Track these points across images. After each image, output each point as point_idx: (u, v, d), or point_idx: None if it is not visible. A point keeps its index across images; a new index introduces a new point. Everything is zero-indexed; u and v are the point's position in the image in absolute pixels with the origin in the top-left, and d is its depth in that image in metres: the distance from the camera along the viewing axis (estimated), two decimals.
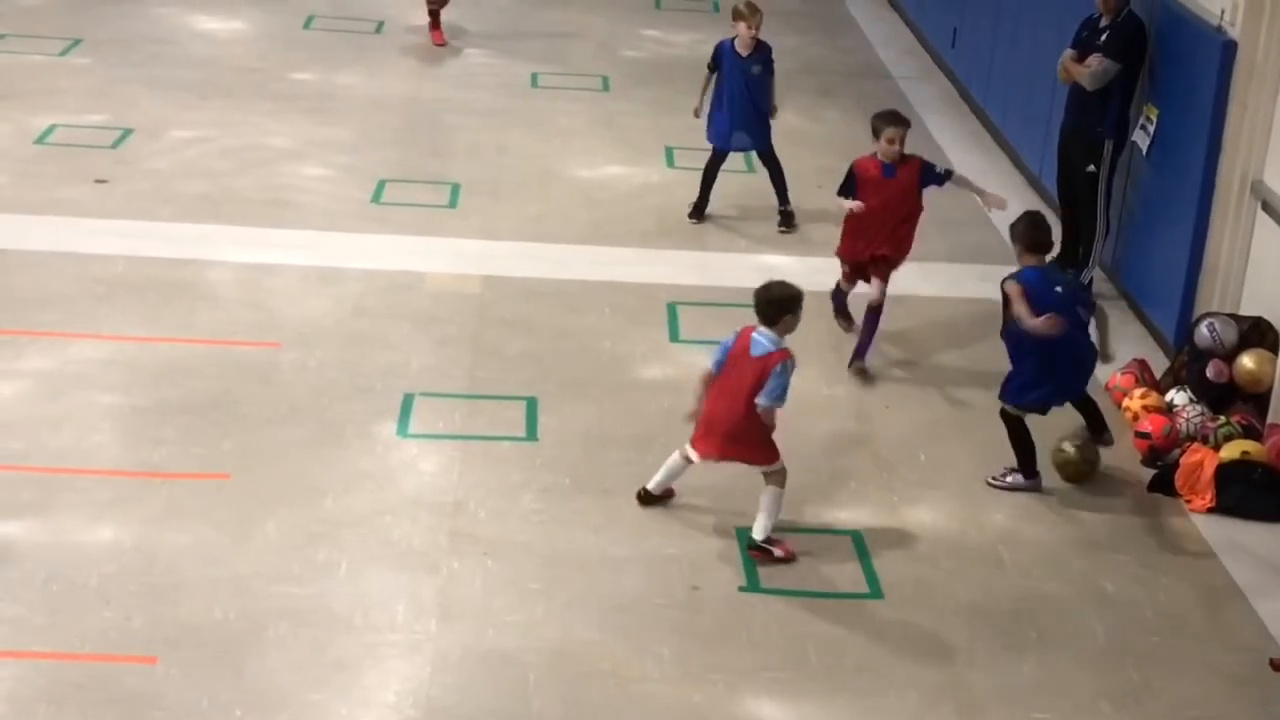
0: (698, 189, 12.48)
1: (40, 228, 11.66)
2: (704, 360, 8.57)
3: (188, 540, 8.15)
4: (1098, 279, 11.63)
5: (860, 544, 8.55)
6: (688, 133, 13.32)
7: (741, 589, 8.14)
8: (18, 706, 6.99)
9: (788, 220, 12.44)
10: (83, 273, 11.01)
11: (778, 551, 8.31)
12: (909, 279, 10.81)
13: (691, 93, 12.58)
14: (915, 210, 10.43)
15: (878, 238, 10.34)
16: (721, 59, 12.23)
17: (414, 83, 15.34)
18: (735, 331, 8.39)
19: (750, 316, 8.34)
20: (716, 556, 8.37)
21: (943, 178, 10.42)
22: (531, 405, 9.74)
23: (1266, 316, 9.84)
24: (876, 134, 10.30)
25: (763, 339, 8.26)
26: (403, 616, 7.72)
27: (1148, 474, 9.41)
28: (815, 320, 10.16)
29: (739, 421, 8.26)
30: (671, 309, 11.06)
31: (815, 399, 9.92)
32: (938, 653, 7.77)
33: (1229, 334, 9.80)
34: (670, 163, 13.70)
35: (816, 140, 14.21)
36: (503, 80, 15.45)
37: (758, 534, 8.32)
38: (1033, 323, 8.69)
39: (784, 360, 8.19)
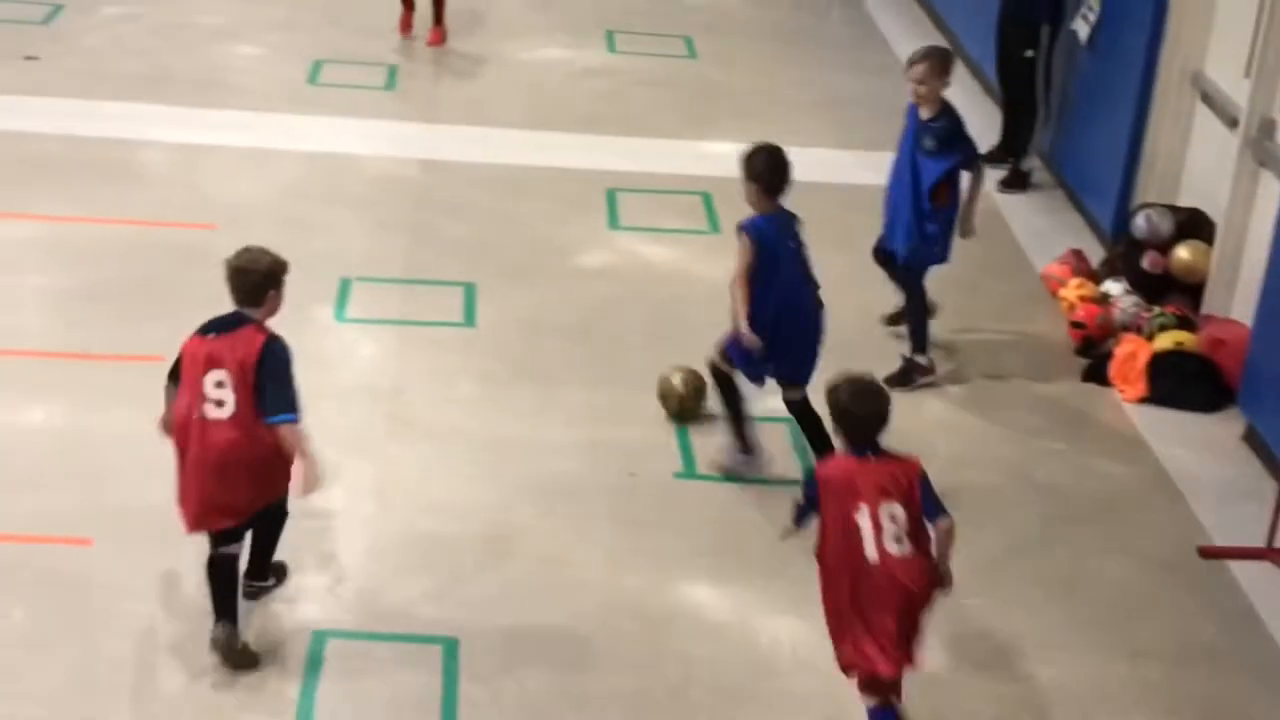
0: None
1: None
2: (642, 246, 8.46)
3: (119, 423, 8.07)
4: (1036, 167, 11.64)
5: (797, 435, 8.57)
6: (628, 15, 13.17)
7: (677, 475, 8.16)
8: None
9: None
10: (12, 151, 10.80)
11: None
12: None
13: None
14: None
15: None
16: None
17: None
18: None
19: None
20: (653, 444, 8.38)
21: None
22: (470, 291, 9.68)
23: (1203, 208, 9.87)
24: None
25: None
26: (340, 501, 7.69)
27: (1082, 364, 9.48)
28: None
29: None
30: (611, 195, 10.99)
31: None
32: None
33: (1165, 225, 9.83)
34: (611, 47, 13.55)
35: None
36: None
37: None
38: (743, 329, 7.64)
39: None
